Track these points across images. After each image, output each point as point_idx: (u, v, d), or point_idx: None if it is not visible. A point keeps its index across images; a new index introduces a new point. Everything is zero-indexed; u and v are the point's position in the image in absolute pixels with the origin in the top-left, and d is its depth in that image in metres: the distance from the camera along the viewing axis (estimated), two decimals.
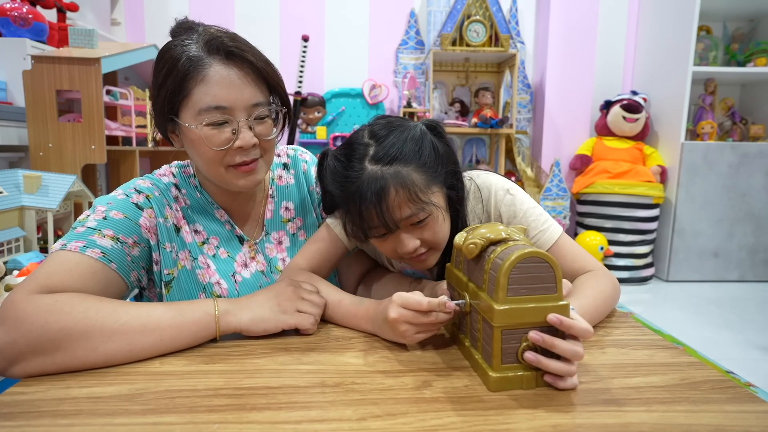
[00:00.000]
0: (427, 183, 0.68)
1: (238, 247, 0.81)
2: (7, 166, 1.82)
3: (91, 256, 0.62)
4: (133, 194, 0.71)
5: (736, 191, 2.80)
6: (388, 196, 0.65)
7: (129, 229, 0.68)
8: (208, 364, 0.57)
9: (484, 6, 2.75)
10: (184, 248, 0.76)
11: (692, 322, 2.22)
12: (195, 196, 0.79)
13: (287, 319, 0.64)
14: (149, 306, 0.60)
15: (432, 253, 0.72)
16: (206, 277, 0.76)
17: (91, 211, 0.68)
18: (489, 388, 0.52)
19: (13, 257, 1.30)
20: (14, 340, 0.53)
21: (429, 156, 0.69)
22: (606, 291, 0.71)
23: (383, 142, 0.68)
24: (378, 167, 0.66)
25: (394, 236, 0.69)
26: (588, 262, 0.76)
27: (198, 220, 0.79)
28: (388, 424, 0.45)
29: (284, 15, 3.10)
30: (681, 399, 0.49)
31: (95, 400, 0.49)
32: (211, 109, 0.67)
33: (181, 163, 0.82)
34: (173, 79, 0.67)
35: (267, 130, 0.72)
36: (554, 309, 0.51)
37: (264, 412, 0.46)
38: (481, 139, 3.19)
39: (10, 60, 1.72)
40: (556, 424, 0.45)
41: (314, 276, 0.76)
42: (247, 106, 0.69)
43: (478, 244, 0.56)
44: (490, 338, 0.52)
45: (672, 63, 2.85)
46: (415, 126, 0.71)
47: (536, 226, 0.75)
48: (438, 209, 0.69)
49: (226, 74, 0.67)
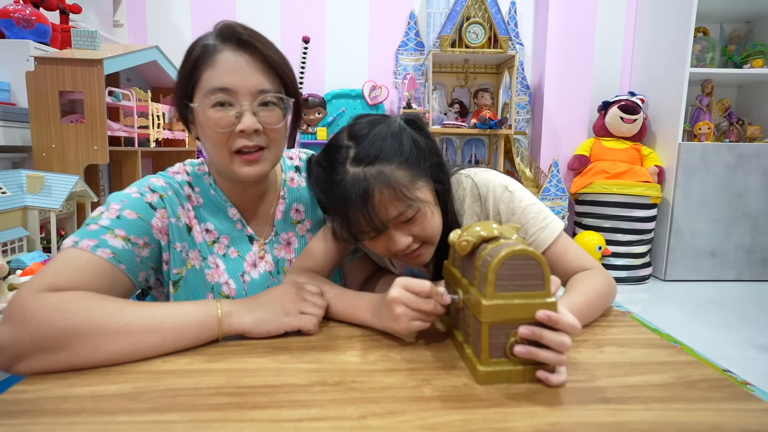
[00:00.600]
0: (412, 179, 0.67)
1: (248, 247, 0.81)
2: (10, 166, 1.82)
3: (101, 256, 0.62)
4: (148, 193, 0.71)
5: (733, 191, 2.81)
6: (373, 198, 0.65)
7: (141, 230, 0.68)
8: (210, 362, 0.57)
9: (483, 8, 2.76)
10: (194, 248, 0.75)
11: (690, 321, 2.22)
12: (209, 194, 0.79)
13: (290, 321, 0.64)
14: (153, 306, 0.60)
15: (426, 247, 0.72)
16: (215, 277, 0.77)
17: (105, 207, 0.68)
18: (477, 382, 0.53)
19: (17, 257, 1.30)
20: (20, 337, 0.53)
21: (410, 151, 0.68)
22: (601, 289, 0.71)
23: (362, 143, 0.67)
24: (360, 169, 0.65)
25: (386, 236, 0.69)
26: (586, 261, 0.76)
27: (209, 219, 0.78)
28: (388, 423, 0.45)
29: (285, 17, 3.11)
30: (678, 397, 0.50)
31: (97, 398, 0.49)
32: (216, 91, 0.68)
33: (195, 161, 0.82)
34: (188, 67, 0.70)
35: (273, 118, 0.71)
36: (542, 306, 0.51)
37: (265, 411, 0.47)
38: (480, 139, 3.20)
39: (14, 61, 1.72)
40: (555, 423, 0.45)
41: (317, 276, 0.75)
42: (252, 91, 0.69)
43: (470, 241, 0.57)
44: (479, 333, 0.53)
45: (669, 64, 2.85)
46: (394, 122, 0.70)
47: (535, 224, 0.75)
48: (425, 204, 0.68)
49: (234, 60, 0.68)
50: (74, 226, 1.65)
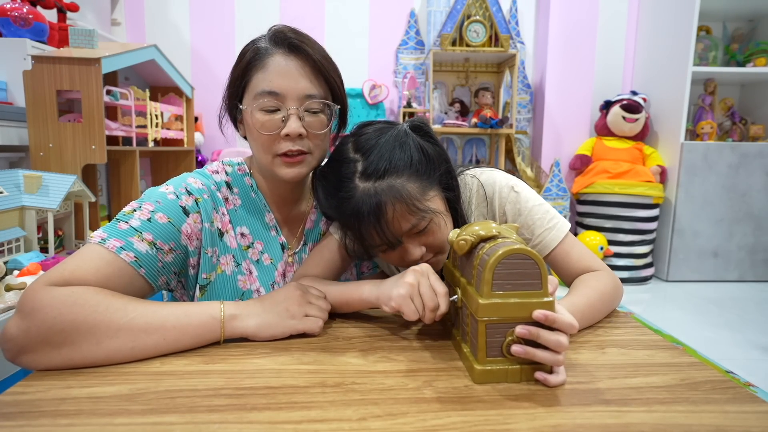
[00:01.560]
0: (423, 190, 0.67)
1: (280, 255, 0.80)
2: (7, 166, 1.82)
3: (123, 259, 0.62)
4: (184, 195, 0.70)
5: (735, 191, 2.80)
6: (386, 214, 0.64)
7: (169, 236, 0.67)
8: (209, 364, 0.57)
9: (484, 6, 2.75)
10: (227, 253, 0.75)
11: (692, 322, 2.22)
12: (249, 196, 0.79)
13: (296, 324, 0.63)
14: (157, 305, 0.60)
15: (439, 256, 0.72)
16: (247, 284, 0.76)
17: (138, 204, 0.68)
18: (474, 380, 0.53)
19: (14, 257, 1.30)
20: (28, 329, 0.53)
21: (420, 161, 0.67)
22: (605, 291, 0.71)
23: (370, 155, 0.66)
24: (370, 184, 0.65)
25: (399, 248, 0.69)
26: (592, 263, 0.75)
27: (245, 222, 0.78)
28: (388, 424, 0.45)
29: (284, 16, 3.10)
30: (681, 399, 0.50)
31: (96, 399, 0.49)
32: (264, 94, 0.69)
33: (234, 161, 0.81)
34: (240, 68, 0.72)
35: (318, 124, 0.72)
36: (539, 305, 0.52)
37: (264, 412, 0.46)
38: (480, 139, 3.19)
39: (11, 60, 1.72)
40: (557, 424, 0.45)
41: (318, 279, 0.75)
42: (299, 96, 0.70)
43: (468, 241, 0.57)
44: (476, 332, 0.53)
45: (672, 63, 2.85)
46: (400, 130, 0.69)
47: (542, 224, 0.74)
48: (438, 215, 0.68)
49: (285, 64, 0.70)
50: (72, 226, 1.64)
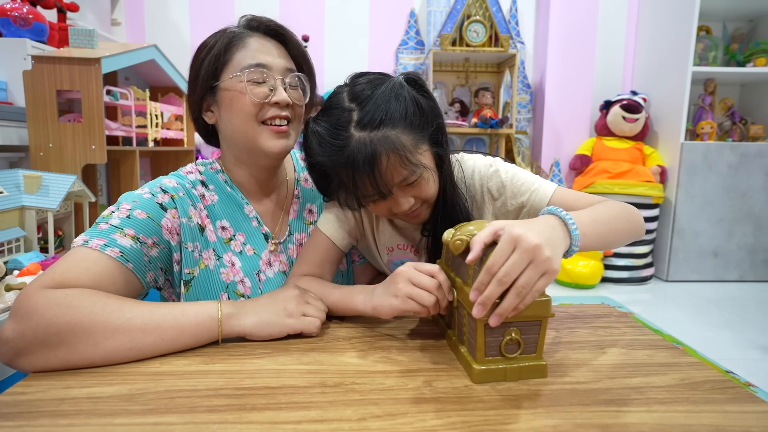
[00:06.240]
0: (416, 143, 0.67)
1: (263, 245, 0.81)
2: (7, 166, 1.81)
3: (109, 255, 0.62)
4: (159, 194, 0.71)
5: (735, 191, 2.80)
6: (381, 164, 0.64)
7: (150, 230, 0.68)
8: (208, 364, 0.57)
9: (484, 6, 2.75)
10: (208, 247, 0.75)
11: (692, 322, 2.22)
12: (225, 191, 0.80)
13: (294, 324, 0.63)
14: (154, 305, 0.60)
15: (425, 207, 0.73)
16: (230, 275, 0.76)
17: (115, 207, 0.69)
18: (473, 380, 0.53)
19: (14, 257, 1.30)
20: (23, 332, 0.53)
21: (414, 114, 0.67)
22: (613, 208, 0.68)
23: (366, 105, 0.66)
24: (365, 133, 0.64)
25: (389, 199, 0.69)
26: (595, 198, 0.72)
27: (225, 216, 0.79)
28: (388, 424, 0.45)
29: (284, 15, 3.10)
30: (681, 399, 0.50)
31: (95, 400, 0.48)
32: (252, 66, 0.72)
33: (206, 161, 0.82)
34: (216, 49, 0.73)
35: (299, 96, 0.78)
36: (537, 303, 0.52)
37: (264, 413, 0.46)
38: (481, 139, 3.19)
39: (11, 60, 1.71)
40: (556, 425, 0.45)
41: (314, 279, 0.75)
42: (282, 69, 0.75)
43: (464, 241, 0.57)
44: (474, 332, 0.53)
45: (672, 63, 2.85)
46: (396, 82, 0.69)
47: (527, 188, 0.75)
48: (427, 170, 0.68)
49: (265, 43, 0.75)
50: (72, 226, 1.64)
